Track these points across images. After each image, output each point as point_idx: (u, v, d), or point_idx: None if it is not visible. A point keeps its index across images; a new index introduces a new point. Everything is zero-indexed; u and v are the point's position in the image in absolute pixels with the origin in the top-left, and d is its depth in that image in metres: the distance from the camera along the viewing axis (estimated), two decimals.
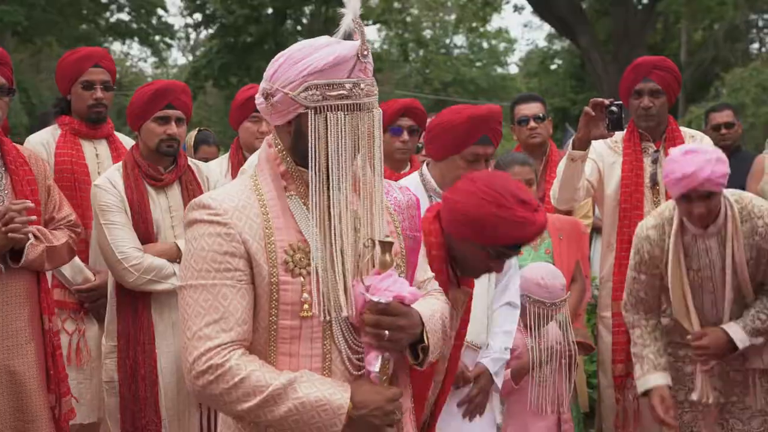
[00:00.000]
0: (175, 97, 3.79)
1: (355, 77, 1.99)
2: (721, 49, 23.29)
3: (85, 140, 4.23)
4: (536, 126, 5.01)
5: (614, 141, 4.41)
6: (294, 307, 1.98)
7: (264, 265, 1.98)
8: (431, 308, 2.16)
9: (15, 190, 3.27)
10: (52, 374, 3.34)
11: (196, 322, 1.96)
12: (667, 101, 4.33)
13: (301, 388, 1.93)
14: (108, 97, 4.25)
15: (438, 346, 2.14)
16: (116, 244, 3.65)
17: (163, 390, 3.71)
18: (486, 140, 3.22)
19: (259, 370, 1.94)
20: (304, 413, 1.92)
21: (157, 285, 3.67)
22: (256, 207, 2.02)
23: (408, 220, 2.20)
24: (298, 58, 2.00)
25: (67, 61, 4.27)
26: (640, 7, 21.81)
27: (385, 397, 1.98)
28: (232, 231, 1.98)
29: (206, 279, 1.97)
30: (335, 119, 1.98)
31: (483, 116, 3.21)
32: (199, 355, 1.94)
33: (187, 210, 2.06)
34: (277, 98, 2.01)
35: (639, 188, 4.27)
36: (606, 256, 4.44)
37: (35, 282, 3.36)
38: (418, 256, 2.24)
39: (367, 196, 2.04)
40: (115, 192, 3.70)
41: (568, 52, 28.63)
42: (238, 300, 1.97)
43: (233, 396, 1.93)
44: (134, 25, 25.85)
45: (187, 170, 3.89)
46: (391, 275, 1.99)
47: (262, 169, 2.10)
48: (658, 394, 3.55)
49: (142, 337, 3.70)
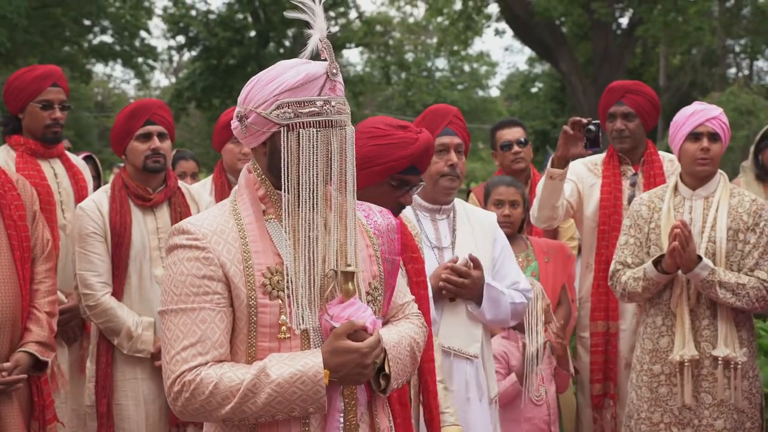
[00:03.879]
0: (153, 113, 3.79)
1: (326, 95, 2.02)
2: (699, 73, 23.58)
3: (42, 160, 4.10)
4: (520, 150, 5.05)
5: (594, 163, 4.49)
6: (272, 329, 2.00)
7: (242, 288, 2.00)
8: (399, 334, 2.16)
9: (3, 215, 3.22)
10: (36, 401, 3.29)
11: (174, 346, 1.98)
12: (642, 124, 4.41)
13: (272, 371, 1.94)
14: (64, 117, 4.13)
15: (405, 372, 2.15)
16: (83, 276, 3.70)
17: (145, 414, 3.74)
18: (448, 131, 3.29)
19: (229, 371, 1.96)
20: (283, 393, 1.93)
21: (109, 335, 3.72)
22: (234, 231, 2.04)
23: (387, 244, 2.21)
24: (268, 79, 2.04)
25: (23, 79, 4.08)
26: (620, 31, 22.08)
27: (361, 352, 1.98)
28: (210, 255, 2.00)
29: (185, 303, 1.99)
30: (307, 136, 2.00)
31: (441, 109, 3.34)
32: (175, 378, 1.97)
33: (168, 236, 2.09)
34: (251, 119, 2.04)
35: (617, 210, 4.34)
36: (585, 277, 4.51)
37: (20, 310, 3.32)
38: (396, 279, 2.25)
39: (340, 216, 2.06)
40: (98, 216, 3.71)
41: (549, 75, 28.88)
42: (216, 323, 1.99)
43: (213, 403, 1.95)
44: (117, 47, 25.86)
45: (177, 192, 3.90)
46: (354, 303, 2.01)
47: (242, 193, 2.11)
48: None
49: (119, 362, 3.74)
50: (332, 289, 2.04)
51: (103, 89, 40.28)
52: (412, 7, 36.45)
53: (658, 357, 3.76)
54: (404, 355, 2.14)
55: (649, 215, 3.82)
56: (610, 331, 4.32)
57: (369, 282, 2.14)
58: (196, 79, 26.82)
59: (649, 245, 3.79)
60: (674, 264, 3.60)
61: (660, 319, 3.78)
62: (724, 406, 3.67)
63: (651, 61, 25.40)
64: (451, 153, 3.26)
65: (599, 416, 4.32)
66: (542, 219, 4.35)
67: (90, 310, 3.69)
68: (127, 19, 24.93)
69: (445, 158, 3.25)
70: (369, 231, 2.20)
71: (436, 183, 3.26)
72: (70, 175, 4.19)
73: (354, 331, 1.99)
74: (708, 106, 3.80)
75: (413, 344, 2.19)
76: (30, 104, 4.07)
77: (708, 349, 3.68)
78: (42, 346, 3.24)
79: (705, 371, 3.69)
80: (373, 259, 2.17)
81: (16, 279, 3.22)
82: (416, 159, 2.62)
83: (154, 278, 3.77)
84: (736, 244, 3.71)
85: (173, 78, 39.40)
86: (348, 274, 2.01)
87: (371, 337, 2.00)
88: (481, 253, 3.31)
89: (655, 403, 3.76)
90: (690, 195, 3.81)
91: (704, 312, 3.70)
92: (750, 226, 3.71)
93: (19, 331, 3.26)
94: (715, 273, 3.60)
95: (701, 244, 3.70)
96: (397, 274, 2.25)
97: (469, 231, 3.35)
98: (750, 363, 3.72)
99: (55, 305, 3.37)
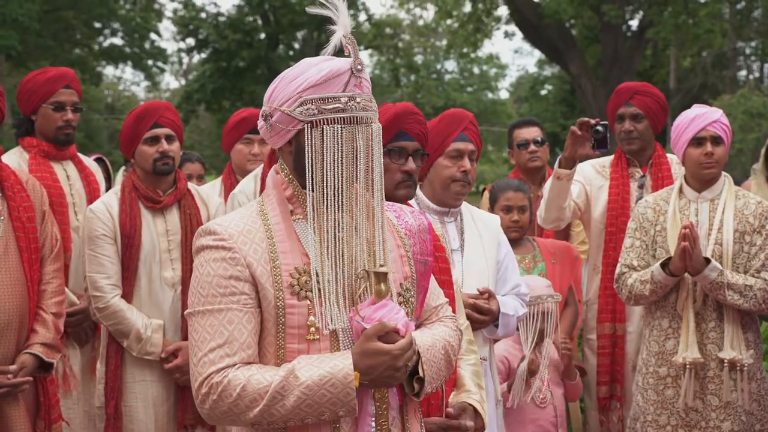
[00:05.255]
0: (160, 116, 3.80)
1: (351, 91, 2.00)
2: (710, 76, 23.48)
3: (54, 162, 4.13)
4: (536, 150, 5.07)
5: (602, 165, 4.50)
6: (300, 330, 1.98)
7: (270, 289, 1.97)
8: (433, 337, 2.12)
9: (12, 216, 3.24)
10: (42, 401, 3.32)
11: (202, 348, 1.96)
12: (650, 126, 4.42)
13: (301, 373, 1.90)
14: (76, 119, 4.15)
15: (439, 376, 2.11)
16: (93, 278, 3.71)
17: (154, 416, 3.76)
18: (464, 137, 3.29)
19: (257, 373, 1.93)
20: (313, 395, 1.89)
21: (119, 337, 3.73)
22: (262, 231, 2.02)
23: (419, 245, 2.18)
24: (292, 76, 2.03)
25: (36, 81, 4.10)
26: (630, 34, 22.01)
27: (392, 354, 1.93)
28: (237, 255, 1.98)
29: (212, 304, 1.97)
30: (331, 132, 1.98)
31: (458, 114, 3.32)
32: (203, 380, 1.95)
33: (195, 237, 2.07)
34: (276, 117, 2.03)
35: (625, 212, 4.34)
36: (592, 279, 4.51)
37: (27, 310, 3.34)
38: (429, 281, 2.21)
39: (367, 215, 2.02)
40: (108, 218, 3.72)
41: (558, 78, 28.81)
42: (244, 324, 1.96)
43: (240, 406, 1.92)
44: (127, 49, 25.94)
45: (187, 194, 3.91)
46: (386, 305, 1.97)
47: (269, 194, 2.10)
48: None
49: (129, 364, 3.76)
50: (364, 290, 2.00)
51: (113, 91, 40.39)
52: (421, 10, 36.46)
53: (664, 359, 3.77)
54: (438, 358, 2.10)
55: (655, 218, 3.82)
56: (617, 334, 4.33)
57: (400, 283, 2.10)
58: (205, 82, 26.86)
59: (655, 248, 3.79)
60: (682, 266, 3.60)
61: (666, 321, 3.78)
62: (731, 408, 3.68)
63: (661, 63, 25.33)
64: (464, 159, 3.26)
65: (606, 418, 4.32)
66: (549, 220, 4.36)
67: (99, 312, 3.71)
68: (137, 21, 25.00)
69: (458, 164, 3.26)
70: (400, 231, 2.17)
71: (447, 187, 3.28)
72: (83, 177, 4.21)
73: (385, 332, 1.94)
74: (708, 110, 3.80)
75: (448, 347, 2.15)
76: (42, 106, 4.08)
77: (714, 351, 3.68)
78: (47, 348, 3.26)
79: (711, 373, 3.69)
80: (405, 260, 2.14)
81: (23, 281, 3.24)
82: (395, 123, 2.63)
83: (164, 280, 3.79)
84: (743, 246, 3.71)
85: (183, 80, 39.50)
86: (380, 275, 1.97)
87: (403, 340, 1.96)
88: (488, 255, 3.34)
89: (661, 406, 3.77)
90: (695, 197, 3.82)
91: (710, 314, 3.70)
92: (756, 228, 3.71)
93: (26, 332, 3.27)
94: (724, 275, 3.60)
95: (708, 247, 3.70)
96: (429, 276, 2.22)
97: (476, 234, 3.37)
98: (757, 365, 3.72)
99: (62, 306, 3.39)
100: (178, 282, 3.80)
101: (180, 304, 3.79)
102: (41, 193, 3.43)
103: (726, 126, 3.78)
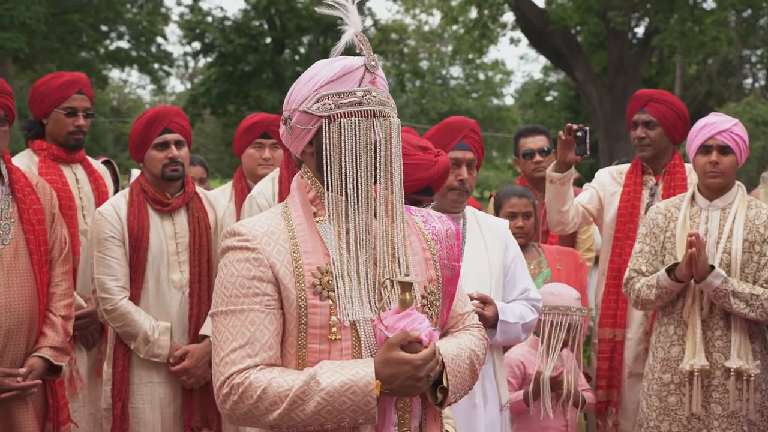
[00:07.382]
0: (170, 121, 3.80)
1: (366, 86, 2.02)
2: (715, 83, 23.49)
3: (64, 165, 4.13)
4: (541, 160, 5.00)
5: (619, 172, 4.53)
6: (322, 330, 1.98)
7: (292, 289, 1.98)
8: (459, 346, 2.11)
9: (22, 219, 3.26)
10: (50, 403, 3.33)
11: (224, 348, 1.97)
12: (665, 133, 4.37)
13: (323, 379, 1.90)
14: (87, 125, 4.16)
15: (464, 386, 2.10)
16: (101, 280, 3.72)
17: (161, 418, 3.77)
18: (462, 145, 3.33)
19: (279, 376, 1.93)
20: (333, 402, 1.89)
21: (126, 339, 3.74)
22: (285, 232, 2.03)
23: (446, 249, 2.17)
24: (307, 78, 2.06)
25: (49, 85, 4.11)
26: (636, 41, 22.02)
27: (414, 364, 1.93)
28: (260, 256, 1.99)
29: (235, 305, 1.98)
30: (349, 125, 1.98)
31: (456, 123, 3.37)
32: (224, 380, 1.95)
33: (221, 238, 2.09)
34: (295, 119, 2.04)
35: (634, 219, 4.35)
36: (601, 284, 4.51)
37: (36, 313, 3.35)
38: (456, 287, 2.20)
39: (386, 210, 2.03)
40: (116, 220, 3.73)
41: (564, 84, 28.82)
42: (266, 325, 1.97)
43: (261, 408, 1.92)
44: (134, 52, 25.99)
45: (195, 197, 3.92)
46: (410, 314, 1.95)
47: (293, 196, 2.11)
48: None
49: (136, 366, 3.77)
50: (388, 298, 2.00)
51: (119, 94, 40.49)
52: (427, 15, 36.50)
53: (668, 366, 3.77)
54: (463, 368, 2.09)
55: (665, 224, 3.83)
56: (617, 339, 4.33)
57: (425, 286, 2.09)
58: (211, 86, 26.90)
59: (664, 254, 3.80)
60: (688, 273, 3.61)
61: (672, 328, 3.79)
62: (734, 418, 3.68)
63: (667, 70, 25.32)
64: (462, 168, 3.30)
65: (602, 423, 4.33)
66: (552, 224, 4.41)
67: (107, 314, 3.72)
68: (143, 25, 25.06)
69: (455, 173, 3.29)
70: (426, 235, 2.16)
71: (444, 196, 3.32)
72: (92, 181, 4.22)
73: (408, 342, 1.93)
74: (721, 119, 3.80)
75: (473, 357, 2.13)
76: (54, 110, 4.10)
77: (720, 360, 3.69)
78: (56, 351, 3.28)
79: (716, 381, 3.70)
80: (430, 263, 2.12)
81: (33, 283, 3.26)
82: (434, 181, 2.66)
83: (172, 283, 3.80)
84: (752, 256, 3.71)
85: (188, 84, 39.58)
86: (405, 284, 1.95)
87: (426, 350, 1.95)
88: (491, 260, 3.34)
89: (663, 412, 3.77)
90: (707, 205, 3.82)
91: (717, 323, 3.71)
92: (766, 239, 3.71)
93: (35, 335, 3.28)
94: (728, 282, 3.60)
95: (716, 255, 3.71)
96: (456, 282, 2.20)
97: (480, 239, 3.38)
98: (762, 376, 3.73)
99: (70, 308, 3.41)
100: (185, 284, 3.81)
101: (187, 306, 3.81)
102: (51, 196, 3.44)
103: (737, 135, 3.77)
